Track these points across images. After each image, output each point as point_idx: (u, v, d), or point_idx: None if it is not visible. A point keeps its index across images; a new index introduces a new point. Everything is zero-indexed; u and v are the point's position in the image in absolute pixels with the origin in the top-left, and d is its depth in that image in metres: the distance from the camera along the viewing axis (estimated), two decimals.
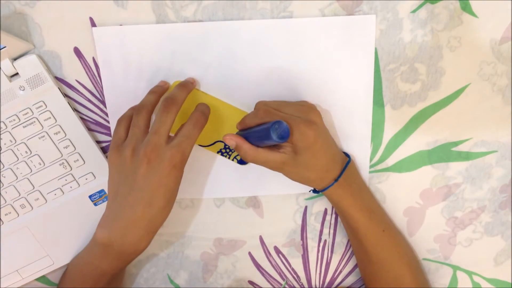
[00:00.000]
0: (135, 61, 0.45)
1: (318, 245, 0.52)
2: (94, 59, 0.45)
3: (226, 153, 0.48)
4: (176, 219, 0.51)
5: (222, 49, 0.45)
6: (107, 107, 0.46)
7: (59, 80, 0.46)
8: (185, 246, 0.52)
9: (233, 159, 0.48)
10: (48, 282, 0.51)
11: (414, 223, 0.52)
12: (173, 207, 0.42)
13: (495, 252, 0.53)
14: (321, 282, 0.54)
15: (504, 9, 0.45)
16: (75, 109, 0.46)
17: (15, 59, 0.44)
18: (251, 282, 0.54)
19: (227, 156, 0.48)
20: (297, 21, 0.44)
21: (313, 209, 0.51)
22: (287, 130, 0.38)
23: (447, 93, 0.47)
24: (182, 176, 0.41)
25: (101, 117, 0.47)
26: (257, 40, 0.45)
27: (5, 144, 0.45)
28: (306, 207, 0.51)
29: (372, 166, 0.50)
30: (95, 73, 0.46)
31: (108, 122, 0.47)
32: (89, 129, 0.47)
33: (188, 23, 0.44)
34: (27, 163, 0.46)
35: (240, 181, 0.49)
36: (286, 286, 0.54)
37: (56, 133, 0.46)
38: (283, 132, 0.38)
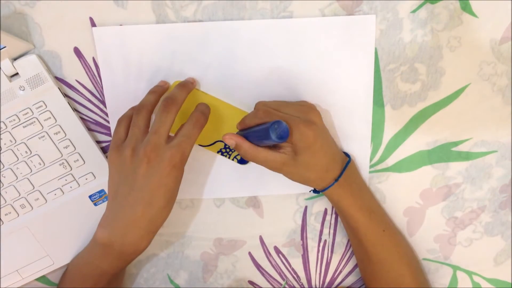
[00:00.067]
0: (135, 61, 0.45)
1: (318, 245, 0.52)
2: (94, 59, 0.45)
3: (226, 153, 0.48)
4: (176, 219, 0.51)
5: (222, 49, 0.45)
6: (107, 107, 0.46)
7: (59, 80, 0.46)
8: (185, 246, 0.52)
9: (233, 159, 0.48)
10: (48, 282, 0.51)
11: (414, 223, 0.52)
12: (173, 207, 0.42)
13: (495, 252, 0.53)
14: (321, 282, 0.54)
15: (504, 9, 0.45)
16: (75, 109, 0.46)
17: (15, 59, 0.44)
18: (251, 282, 0.54)
19: (227, 156, 0.48)
20: (297, 21, 0.44)
21: (313, 209, 0.51)
22: (287, 130, 0.38)
23: (447, 93, 0.47)
24: (182, 176, 0.41)
25: (101, 117, 0.47)
26: (257, 40, 0.45)
27: (5, 144, 0.45)
28: (306, 207, 0.51)
29: (372, 166, 0.50)
30: (95, 73, 0.46)
31: (108, 122, 0.47)
32: (89, 129, 0.47)
33: (188, 23, 0.44)
34: (27, 163, 0.46)
35: (240, 181, 0.49)
36: (286, 286, 0.54)
37: (56, 133, 0.46)
38: (282, 132, 0.37)
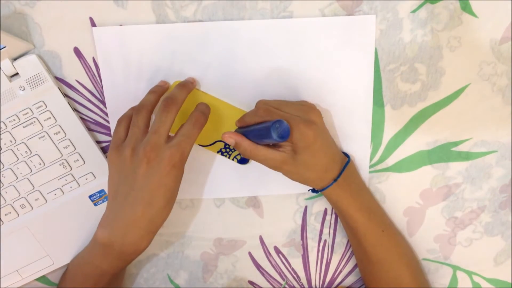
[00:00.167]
0: (135, 61, 0.45)
1: (318, 245, 0.52)
2: (94, 59, 0.45)
3: (226, 153, 0.48)
4: (176, 219, 0.51)
5: (222, 49, 0.45)
6: (107, 107, 0.46)
7: (59, 80, 0.46)
8: (185, 246, 0.52)
9: (233, 158, 0.48)
10: (48, 282, 0.51)
11: (414, 223, 0.52)
12: (173, 207, 0.42)
13: (495, 252, 0.53)
14: (321, 282, 0.54)
15: (504, 9, 0.45)
16: (75, 109, 0.46)
17: (15, 59, 0.44)
18: (251, 282, 0.54)
19: (227, 155, 0.48)
20: (297, 21, 0.44)
21: (313, 209, 0.51)
22: (288, 130, 0.38)
23: (447, 93, 0.47)
24: (182, 175, 0.41)
25: (101, 117, 0.47)
26: (257, 40, 0.45)
27: (5, 144, 0.45)
28: (306, 207, 0.51)
29: (372, 166, 0.50)
30: (95, 73, 0.46)
31: (108, 122, 0.47)
32: (89, 129, 0.47)
33: (188, 23, 0.44)
34: (27, 163, 0.46)
35: (240, 181, 0.49)
36: (286, 286, 0.54)
37: (56, 133, 0.46)
38: (283, 132, 0.37)
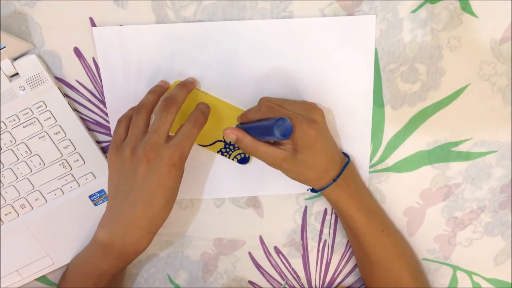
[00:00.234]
0: (135, 61, 0.45)
1: (318, 245, 0.52)
2: (94, 59, 0.45)
3: (226, 153, 0.48)
4: (176, 219, 0.51)
5: (222, 49, 0.45)
6: (107, 107, 0.46)
7: (59, 80, 0.46)
8: (185, 246, 0.52)
9: (233, 158, 0.48)
10: (48, 282, 0.51)
11: (414, 223, 0.52)
12: (173, 207, 0.42)
13: (495, 252, 0.53)
14: (321, 282, 0.54)
15: (504, 9, 0.44)
16: (75, 109, 0.46)
17: (15, 59, 0.44)
18: (251, 282, 0.54)
19: (227, 155, 0.48)
20: (297, 21, 0.44)
21: (313, 209, 0.51)
22: (290, 128, 0.38)
23: (447, 93, 0.47)
24: (182, 175, 0.41)
25: (101, 117, 0.47)
26: (257, 40, 0.45)
27: (5, 144, 0.45)
28: (306, 207, 0.51)
29: (372, 166, 0.50)
30: (95, 73, 0.46)
31: (108, 122, 0.47)
32: (89, 129, 0.47)
33: (188, 23, 0.44)
34: (27, 163, 0.46)
35: (240, 181, 0.49)
36: (286, 286, 0.54)
37: (56, 133, 0.46)
38: (285, 130, 0.37)
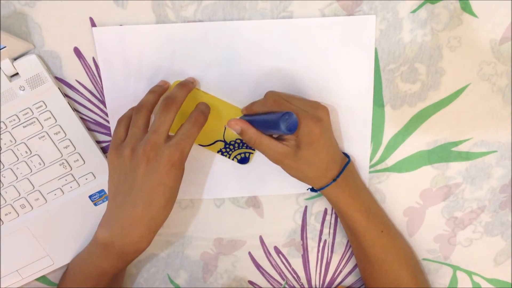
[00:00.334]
0: (135, 61, 0.45)
1: (318, 245, 0.52)
2: (94, 59, 0.45)
3: (226, 153, 0.48)
4: (176, 219, 0.51)
5: (222, 49, 0.45)
6: (107, 107, 0.46)
7: (59, 80, 0.46)
8: (185, 246, 0.52)
9: (233, 158, 0.48)
10: (48, 282, 0.51)
11: (414, 223, 0.52)
12: (173, 206, 0.42)
13: (495, 252, 0.53)
14: (321, 282, 0.54)
15: (504, 9, 0.44)
16: (75, 109, 0.46)
17: (15, 59, 0.44)
18: (251, 282, 0.54)
19: (227, 155, 0.48)
20: (297, 21, 0.44)
21: (313, 209, 0.51)
22: (296, 123, 0.38)
23: (447, 93, 0.47)
24: (182, 174, 0.41)
25: (101, 117, 0.47)
26: (257, 40, 0.45)
27: (5, 144, 0.45)
28: (306, 207, 0.51)
29: (372, 166, 0.50)
30: (95, 73, 0.46)
31: (108, 122, 0.47)
32: (89, 129, 0.47)
33: (188, 23, 0.44)
34: (27, 163, 0.46)
35: (240, 181, 0.49)
36: (286, 286, 0.54)
37: (56, 133, 0.46)
38: (291, 124, 0.37)
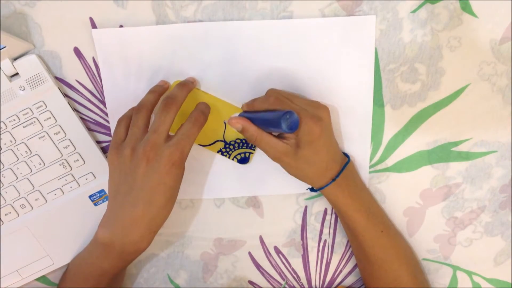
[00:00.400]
0: (135, 61, 0.45)
1: (318, 245, 0.52)
2: (94, 59, 0.45)
3: (226, 153, 0.48)
4: (176, 219, 0.51)
5: (222, 49, 0.45)
6: (107, 107, 0.46)
7: (59, 80, 0.46)
8: (185, 246, 0.52)
9: (233, 158, 0.48)
10: (48, 282, 0.51)
11: (414, 223, 0.52)
12: (173, 206, 0.42)
13: (495, 252, 0.53)
14: (321, 282, 0.54)
15: (504, 9, 0.44)
16: (75, 109, 0.46)
17: (15, 59, 0.44)
18: (251, 282, 0.54)
19: (227, 155, 0.48)
20: (297, 21, 0.44)
21: (313, 209, 0.51)
22: (297, 122, 0.38)
23: (447, 93, 0.47)
24: (182, 174, 0.41)
25: (101, 117, 0.47)
26: (257, 40, 0.45)
27: (5, 144, 0.45)
28: (306, 207, 0.51)
29: (372, 166, 0.50)
30: (95, 73, 0.46)
31: (108, 122, 0.47)
32: (89, 129, 0.47)
33: (188, 23, 0.44)
34: (27, 163, 0.46)
35: (240, 181, 0.49)
36: (286, 286, 0.54)
37: (56, 133, 0.46)
38: (292, 123, 0.37)
